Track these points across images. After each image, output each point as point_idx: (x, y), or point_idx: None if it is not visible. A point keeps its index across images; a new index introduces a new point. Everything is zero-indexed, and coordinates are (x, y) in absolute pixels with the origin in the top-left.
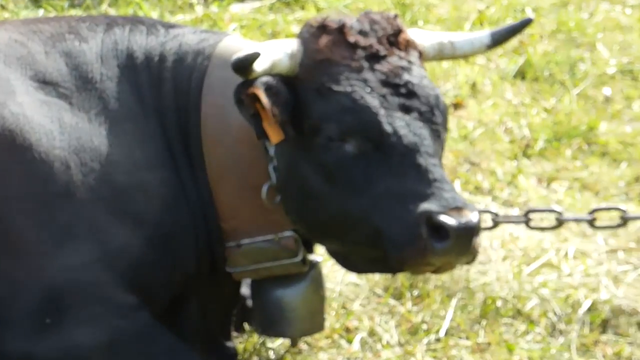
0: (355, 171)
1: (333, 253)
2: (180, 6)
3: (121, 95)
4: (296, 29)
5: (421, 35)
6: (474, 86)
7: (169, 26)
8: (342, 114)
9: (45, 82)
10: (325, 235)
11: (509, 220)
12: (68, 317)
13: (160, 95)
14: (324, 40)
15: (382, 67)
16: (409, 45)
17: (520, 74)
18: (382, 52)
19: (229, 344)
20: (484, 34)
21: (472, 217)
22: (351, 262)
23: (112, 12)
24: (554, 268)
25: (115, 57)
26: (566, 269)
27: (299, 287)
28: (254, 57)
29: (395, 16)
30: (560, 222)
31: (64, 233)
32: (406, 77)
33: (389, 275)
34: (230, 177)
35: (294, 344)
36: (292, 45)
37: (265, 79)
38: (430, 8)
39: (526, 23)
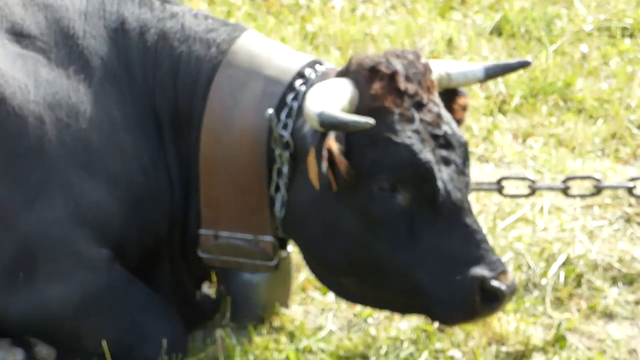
0: (402, 224)
1: (341, 288)
2: None
3: (104, 55)
4: None
5: None
6: (450, 42)
7: (163, 0)
8: (401, 166)
9: (22, 35)
10: (345, 275)
11: (480, 188)
12: (40, 271)
13: (154, 68)
14: (377, 85)
15: (426, 116)
16: (434, 86)
17: (497, 30)
18: (425, 100)
19: (205, 300)
20: (478, 67)
21: (513, 279)
22: (365, 298)
23: None
24: (528, 223)
25: (102, 17)
26: (541, 224)
27: (267, 276)
28: (365, 126)
29: (420, 55)
30: (533, 190)
31: (36, 188)
32: (444, 127)
33: None
34: (222, 172)
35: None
36: (347, 89)
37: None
38: None
39: (522, 65)
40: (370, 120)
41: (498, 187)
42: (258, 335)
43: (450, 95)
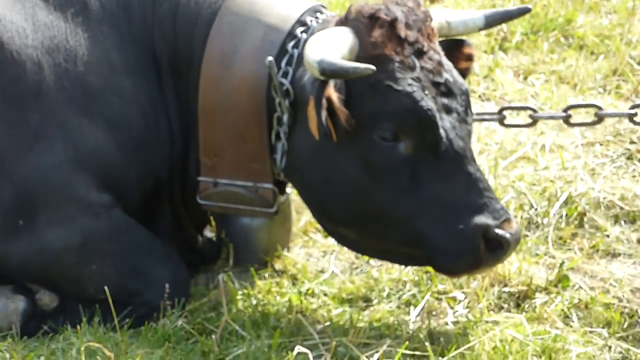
0: (403, 172)
1: (343, 237)
2: None
3: None
4: None
5: None
6: None
7: None
8: (402, 114)
9: None
10: (347, 224)
11: (483, 119)
12: (40, 217)
13: (153, 10)
14: (377, 33)
15: (427, 64)
16: (434, 34)
17: None
18: (425, 47)
19: (207, 244)
20: (478, 15)
21: (517, 227)
22: (366, 248)
23: None
24: (530, 161)
25: None
26: (542, 163)
27: (266, 219)
28: (366, 72)
29: (420, 2)
30: (534, 120)
31: (34, 133)
32: (445, 75)
33: None
34: (221, 119)
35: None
36: (347, 37)
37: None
38: None
39: (523, 11)
40: (371, 67)
41: (499, 117)
42: (260, 279)
43: (455, 45)
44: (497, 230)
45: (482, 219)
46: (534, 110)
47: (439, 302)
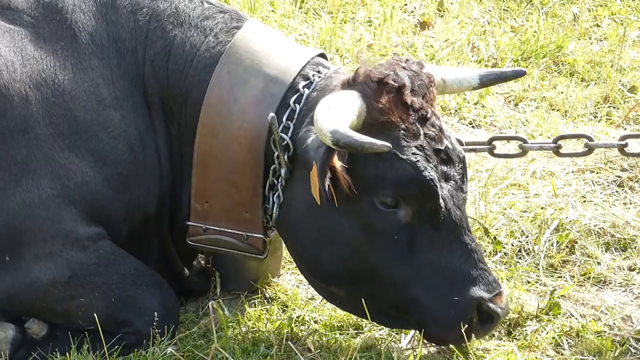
0: (401, 238)
1: (333, 295)
2: None
3: (93, 30)
4: None
5: None
6: (440, 4)
7: None
8: (405, 182)
9: (9, 9)
10: (339, 283)
11: (473, 148)
12: (27, 253)
13: (146, 47)
14: (385, 99)
15: (430, 131)
16: (435, 98)
17: None
18: (429, 113)
19: (196, 279)
20: (473, 75)
21: (507, 301)
22: (355, 308)
23: None
24: (521, 188)
25: None
26: (533, 190)
27: None
28: (382, 149)
29: (424, 64)
30: (524, 151)
31: (21, 168)
32: (445, 142)
33: None
34: (216, 167)
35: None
36: (356, 102)
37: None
38: None
39: (519, 74)
40: (387, 144)
41: (489, 147)
42: (250, 306)
43: None
44: (490, 304)
45: (477, 292)
46: (524, 141)
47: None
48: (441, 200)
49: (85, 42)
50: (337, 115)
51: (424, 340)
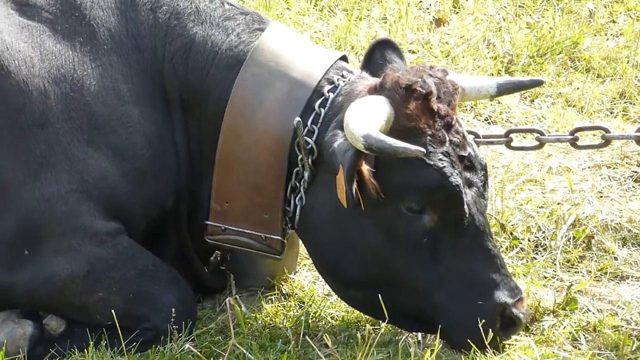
0: (425, 243)
1: (352, 298)
2: None
3: (112, 26)
4: None
5: None
6: (456, 1)
7: None
8: (432, 189)
9: (28, 5)
10: (359, 287)
11: (490, 141)
12: (46, 247)
13: (165, 43)
14: (413, 105)
15: (454, 137)
16: (457, 105)
17: None
18: (453, 121)
19: (213, 276)
20: (491, 83)
21: (527, 306)
22: (375, 311)
23: None
24: (537, 184)
25: None
26: (550, 185)
27: None
28: (417, 154)
29: (447, 72)
30: (541, 143)
31: (40, 163)
32: (469, 149)
33: None
34: (238, 169)
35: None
36: (384, 108)
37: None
38: None
39: (536, 83)
40: (422, 149)
41: (507, 140)
42: (267, 303)
43: None
44: (514, 310)
45: (501, 297)
46: (541, 133)
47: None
48: (465, 207)
49: (104, 38)
50: (368, 119)
51: (446, 344)
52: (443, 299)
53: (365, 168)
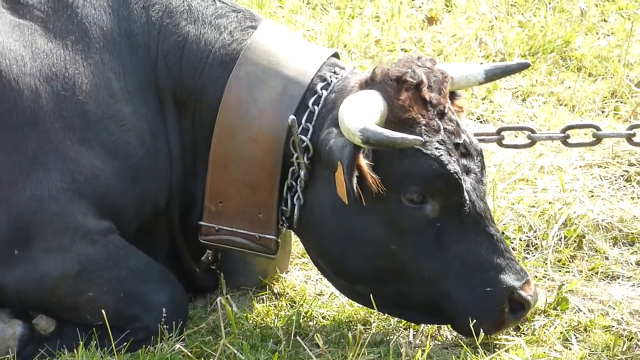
0: (429, 233)
1: (358, 294)
2: None
3: (104, 24)
4: None
5: None
6: (448, 0)
7: None
8: (431, 178)
9: (19, 4)
10: (366, 282)
11: (481, 139)
12: (36, 246)
13: (159, 41)
14: (405, 96)
15: (448, 125)
16: (447, 93)
17: None
18: (445, 108)
19: (204, 276)
20: (479, 70)
21: (535, 288)
22: (381, 305)
23: None
24: (529, 183)
25: None
26: (541, 184)
27: None
28: (415, 143)
29: (436, 61)
30: (533, 141)
31: (31, 162)
32: (463, 136)
33: None
34: (232, 168)
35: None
36: (378, 101)
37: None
38: None
39: (523, 66)
40: (419, 138)
41: (498, 138)
42: (259, 302)
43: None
44: (521, 292)
45: (508, 281)
46: (532, 131)
47: (439, 325)
48: (465, 193)
49: (96, 37)
50: (363, 114)
51: (454, 332)
52: (451, 286)
53: (364, 162)
